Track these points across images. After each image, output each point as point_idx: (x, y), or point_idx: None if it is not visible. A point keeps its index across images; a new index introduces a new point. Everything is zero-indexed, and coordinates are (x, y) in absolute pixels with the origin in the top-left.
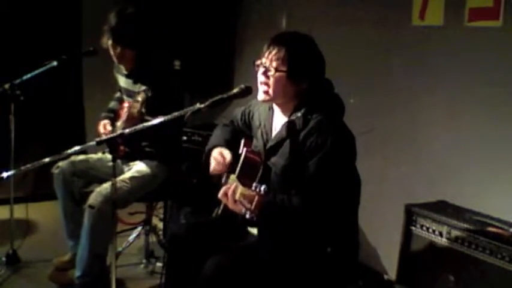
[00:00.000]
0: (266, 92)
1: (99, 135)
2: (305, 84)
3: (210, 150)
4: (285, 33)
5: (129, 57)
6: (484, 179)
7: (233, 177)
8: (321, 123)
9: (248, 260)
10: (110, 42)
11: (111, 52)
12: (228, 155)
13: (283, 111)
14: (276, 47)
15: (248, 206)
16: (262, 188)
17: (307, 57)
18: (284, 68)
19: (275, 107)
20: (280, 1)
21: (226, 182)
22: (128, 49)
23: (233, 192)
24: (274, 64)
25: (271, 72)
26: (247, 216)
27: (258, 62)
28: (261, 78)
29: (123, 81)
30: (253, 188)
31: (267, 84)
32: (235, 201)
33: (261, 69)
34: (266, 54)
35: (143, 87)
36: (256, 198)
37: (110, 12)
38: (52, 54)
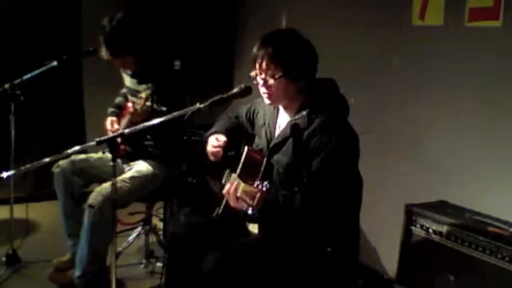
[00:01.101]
0: (270, 98)
1: (105, 131)
2: (304, 79)
3: (209, 136)
4: (267, 38)
5: (131, 61)
6: (484, 179)
7: (234, 175)
8: (325, 123)
9: (248, 255)
10: (109, 55)
11: (114, 63)
12: (222, 137)
13: (288, 111)
14: (264, 56)
15: (250, 202)
16: (264, 184)
17: (297, 53)
18: (280, 73)
19: (280, 106)
20: (280, 1)
21: (227, 181)
22: (127, 56)
23: (235, 189)
24: (269, 73)
25: (271, 81)
26: (249, 212)
27: (253, 73)
28: (262, 89)
29: (128, 81)
30: (255, 185)
31: (270, 93)
32: (237, 198)
33: (260, 82)
34: (257, 66)
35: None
36: (258, 194)
37: (110, 13)
38: (52, 54)
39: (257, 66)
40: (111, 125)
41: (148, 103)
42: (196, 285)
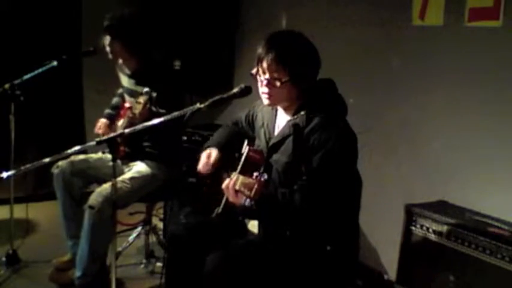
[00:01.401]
0: (270, 98)
1: (96, 132)
2: (307, 82)
3: (203, 149)
4: (275, 39)
5: (127, 55)
6: (484, 179)
7: (234, 173)
8: (324, 122)
9: (249, 255)
10: (106, 38)
11: (106, 49)
12: (214, 156)
13: (287, 111)
14: (271, 58)
15: (248, 193)
16: (263, 175)
17: (304, 57)
18: (287, 78)
19: (279, 107)
20: (280, 1)
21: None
22: (125, 46)
23: (234, 183)
24: (275, 75)
25: (277, 84)
26: (247, 203)
27: (254, 71)
28: (264, 89)
29: (125, 81)
30: (253, 176)
31: (271, 94)
32: (236, 192)
33: (264, 81)
34: (264, 65)
35: (146, 88)
36: (256, 185)
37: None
38: (52, 54)
39: (264, 65)
40: (100, 128)
41: (147, 106)
42: (196, 285)
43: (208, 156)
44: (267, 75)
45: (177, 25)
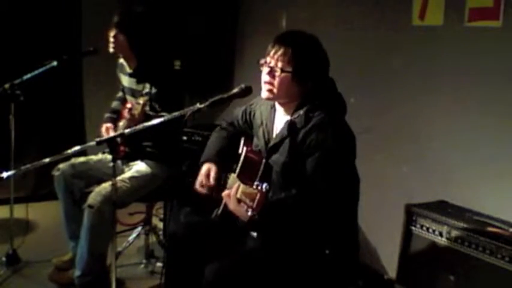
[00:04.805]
0: (270, 91)
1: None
2: (309, 84)
3: (203, 162)
4: (290, 33)
5: (123, 46)
6: (484, 179)
7: (233, 175)
8: (322, 121)
9: (248, 264)
10: (112, 31)
11: (110, 40)
12: (213, 177)
13: (285, 110)
14: (281, 46)
15: (250, 204)
16: (264, 186)
17: (313, 58)
18: (290, 69)
19: (277, 106)
20: (281, 1)
21: (226, 182)
22: (122, 34)
23: (235, 191)
24: (279, 64)
25: (277, 73)
26: (249, 214)
27: (263, 61)
28: (265, 78)
29: (126, 81)
30: (254, 186)
31: (271, 84)
32: (237, 200)
33: (266, 69)
34: (271, 54)
35: (147, 88)
36: (258, 196)
37: (110, 12)
38: (52, 54)
39: (272, 55)
40: (107, 132)
41: (146, 108)
42: (196, 285)
43: (207, 175)
44: (272, 64)
45: (177, 25)
